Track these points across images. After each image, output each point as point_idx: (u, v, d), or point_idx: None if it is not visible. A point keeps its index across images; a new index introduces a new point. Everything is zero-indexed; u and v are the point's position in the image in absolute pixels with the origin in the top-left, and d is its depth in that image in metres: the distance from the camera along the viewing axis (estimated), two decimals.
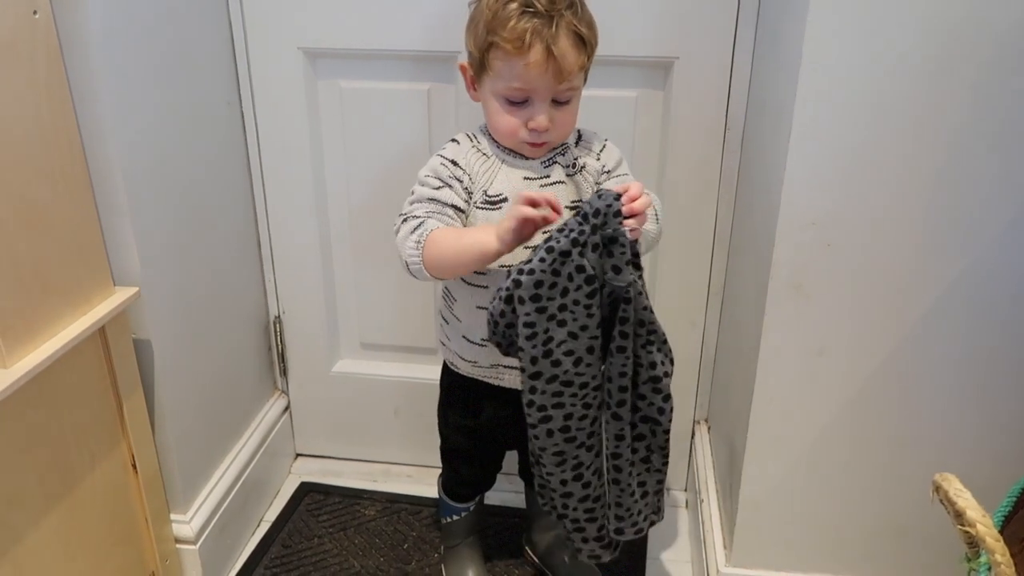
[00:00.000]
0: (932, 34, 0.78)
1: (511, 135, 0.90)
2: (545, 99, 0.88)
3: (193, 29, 1.11)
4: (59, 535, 0.93)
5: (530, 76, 0.85)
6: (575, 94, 0.90)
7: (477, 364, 1.00)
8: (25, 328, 0.85)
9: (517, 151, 0.93)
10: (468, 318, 0.98)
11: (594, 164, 0.95)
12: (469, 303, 0.97)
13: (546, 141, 0.91)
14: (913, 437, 0.95)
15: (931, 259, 0.87)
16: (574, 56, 0.85)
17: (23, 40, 0.82)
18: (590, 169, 0.94)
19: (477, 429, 1.08)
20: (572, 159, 0.93)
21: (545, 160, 0.93)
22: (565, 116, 0.90)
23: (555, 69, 0.84)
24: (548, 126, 0.88)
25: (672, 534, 1.34)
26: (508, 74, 0.86)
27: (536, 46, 0.83)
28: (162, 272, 1.06)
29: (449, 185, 0.92)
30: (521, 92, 0.87)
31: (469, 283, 0.96)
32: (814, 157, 0.84)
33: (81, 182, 0.93)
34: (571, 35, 0.85)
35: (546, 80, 0.85)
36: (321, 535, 1.32)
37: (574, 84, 0.88)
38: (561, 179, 0.93)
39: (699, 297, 1.27)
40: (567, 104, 0.89)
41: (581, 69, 0.87)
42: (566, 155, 0.94)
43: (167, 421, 1.10)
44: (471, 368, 1.01)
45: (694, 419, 1.37)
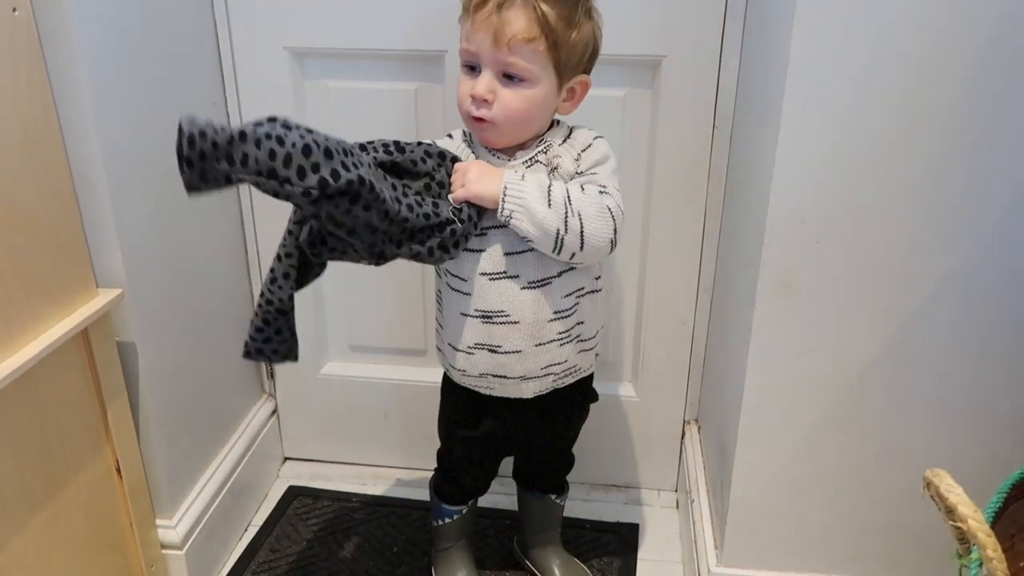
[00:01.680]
0: (920, 30, 0.78)
1: (460, 106, 0.89)
2: (490, 66, 0.85)
3: (178, 27, 1.10)
4: (42, 540, 0.91)
5: (475, 35, 0.85)
6: (528, 75, 0.85)
7: (466, 373, 0.98)
8: (6, 330, 0.83)
9: (484, 142, 0.92)
10: (452, 324, 0.97)
11: (568, 166, 0.91)
12: (453, 309, 0.96)
13: (488, 119, 0.87)
14: (903, 434, 0.95)
15: (920, 256, 0.87)
16: (521, 25, 0.83)
17: (2, 38, 0.80)
18: (563, 171, 0.90)
19: (476, 440, 1.06)
20: (549, 159, 0.91)
21: (527, 160, 0.91)
22: (513, 98, 0.86)
23: (497, 31, 0.83)
24: (486, 95, 0.86)
25: (663, 534, 1.33)
26: (463, 34, 0.87)
27: (488, 4, 0.83)
28: (146, 273, 1.05)
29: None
30: (469, 54, 0.87)
31: (453, 288, 0.95)
32: (802, 155, 0.84)
33: (63, 182, 0.91)
34: (528, 8, 0.83)
35: (487, 42, 0.84)
36: (310, 539, 1.30)
37: (521, 62, 0.84)
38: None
39: (688, 295, 1.27)
40: (520, 85, 0.86)
41: (528, 43, 0.83)
42: (548, 153, 0.91)
43: (152, 425, 1.09)
44: (461, 377, 0.99)
45: (684, 419, 1.36)
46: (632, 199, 1.22)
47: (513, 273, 0.91)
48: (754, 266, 0.92)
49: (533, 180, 0.87)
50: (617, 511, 1.38)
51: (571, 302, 0.93)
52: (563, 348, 0.95)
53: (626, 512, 1.38)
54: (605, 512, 1.38)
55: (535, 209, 0.85)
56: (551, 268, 0.91)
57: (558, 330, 0.93)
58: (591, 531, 1.32)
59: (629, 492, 1.42)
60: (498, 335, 0.93)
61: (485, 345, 0.94)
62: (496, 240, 0.90)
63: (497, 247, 0.90)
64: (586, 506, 1.38)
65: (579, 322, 0.95)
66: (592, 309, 0.97)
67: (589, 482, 1.42)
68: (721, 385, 1.15)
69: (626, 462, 1.41)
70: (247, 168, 0.70)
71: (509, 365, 0.94)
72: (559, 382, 0.98)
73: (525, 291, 0.91)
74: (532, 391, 0.97)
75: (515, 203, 0.85)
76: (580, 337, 0.96)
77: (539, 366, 0.95)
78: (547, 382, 0.97)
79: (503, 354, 0.94)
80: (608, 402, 1.36)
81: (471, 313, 0.93)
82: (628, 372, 1.37)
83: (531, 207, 0.85)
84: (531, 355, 0.94)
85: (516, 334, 0.92)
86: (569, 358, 0.96)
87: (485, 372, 0.96)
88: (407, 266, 1.13)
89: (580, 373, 1.01)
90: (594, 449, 1.39)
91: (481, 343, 0.94)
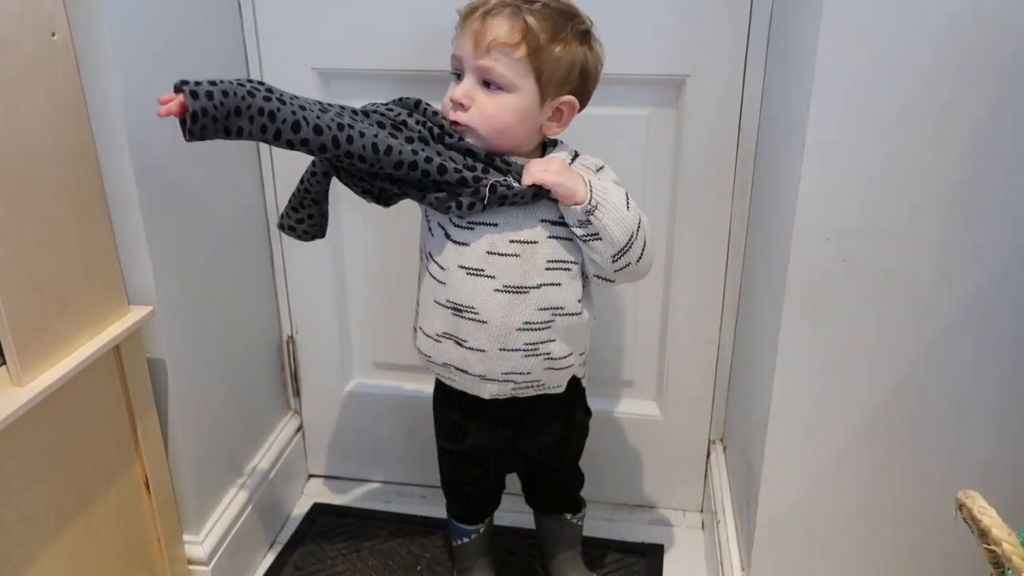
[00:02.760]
0: (947, 47, 0.77)
1: (443, 109, 0.91)
2: (471, 71, 0.87)
3: (208, 50, 1.12)
4: (73, 555, 0.92)
5: (461, 40, 0.87)
6: (505, 82, 0.86)
7: (431, 360, 0.98)
8: (41, 346, 0.85)
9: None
10: (425, 309, 0.97)
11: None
12: (428, 295, 0.96)
13: (464, 123, 0.88)
14: (933, 455, 0.94)
15: (949, 274, 0.86)
16: (503, 31, 0.84)
17: (42, 61, 0.83)
18: None
19: (461, 455, 1.06)
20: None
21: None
22: (489, 104, 0.87)
23: (479, 35, 0.85)
24: (462, 99, 0.87)
25: (688, 555, 1.32)
26: (454, 39, 0.89)
27: (477, 11, 0.86)
28: (176, 291, 1.07)
29: None
30: (455, 60, 0.89)
31: (431, 274, 0.95)
32: (828, 172, 0.84)
33: (98, 201, 0.93)
34: (513, 17, 0.84)
35: (469, 46, 0.86)
36: (334, 556, 1.31)
37: (499, 67, 0.85)
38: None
39: (714, 314, 1.26)
40: (498, 92, 0.87)
41: (507, 47, 0.84)
42: None
43: (180, 441, 1.10)
44: (427, 362, 1.00)
45: (709, 438, 1.35)
46: (656, 217, 1.22)
47: (490, 273, 0.90)
48: (779, 284, 0.91)
49: (609, 183, 0.90)
50: (642, 532, 1.37)
51: (545, 316, 0.92)
52: (528, 360, 0.94)
53: (651, 533, 1.37)
54: (629, 532, 1.36)
55: (619, 206, 0.87)
56: (531, 278, 0.90)
57: (525, 340, 0.92)
58: (615, 552, 1.31)
59: (654, 512, 1.41)
60: (465, 330, 0.93)
61: (452, 336, 0.94)
62: (481, 236, 0.90)
63: (481, 244, 0.90)
64: (610, 526, 1.37)
65: (550, 339, 0.93)
66: (568, 332, 0.95)
67: (613, 502, 1.41)
68: (747, 404, 1.14)
69: (651, 482, 1.40)
70: (242, 137, 0.79)
71: (471, 361, 0.94)
72: (519, 391, 0.97)
73: (499, 293, 0.90)
74: (489, 393, 0.96)
75: (600, 196, 0.87)
76: (549, 355, 0.94)
77: (500, 370, 0.94)
78: (506, 388, 0.96)
79: (467, 349, 0.93)
80: (632, 421, 1.35)
81: (443, 302, 0.93)
82: (652, 391, 1.36)
83: (615, 203, 0.87)
84: (494, 357, 0.93)
85: (482, 333, 0.92)
86: (533, 371, 0.95)
87: (448, 363, 0.96)
88: None
89: (545, 389, 0.99)
90: (618, 469, 1.38)
91: (449, 333, 0.94)
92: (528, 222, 0.90)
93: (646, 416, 1.35)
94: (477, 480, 1.11)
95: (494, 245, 0.90)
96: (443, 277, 0.93)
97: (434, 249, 0.94)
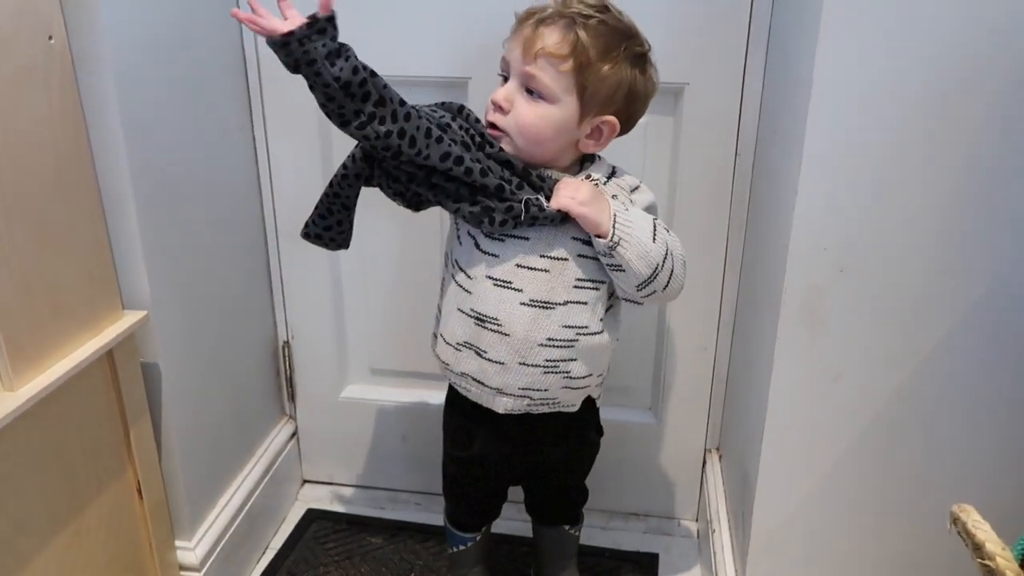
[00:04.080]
0: (947, 56, 0.77)
1: (485, 114, 0.91)
2: (516, 76, 0.87)
3: (206, 53, 1.12)
4: (64, 561, 0.91)
5: (512, 44, 0.87)
6: (547, 93, 0.85)
7: (449, 368, 0.98)
8: (34, 350, 0.84)
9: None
10: (448, 317, 0.96)
11: (623, 200, 0.91)
12: (452, 302, 0.95)
13: (500, 126, 0.88)
14: (930, 467, 0.93)
15: (948, 283, 0.86)
16: (553, 41, 0.84)
17: (39, 65, 0.82)
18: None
19: (467, 461, 1.06)
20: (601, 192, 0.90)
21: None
22: (527, 112, 0.86)
23: (528, 42, 0.85)
24: (502, 103, 0.87)
25: (683, 564, 1.31)
26: (506, 42, 0.89)
27: (532, 18, 0.86)
28: (171, 296, 1.06)
29: None
30: (503, 62, 0.89)
31: (458, 283, 0.94)
32: (826, 182, 0.84)
33: (93, 205, 0.93)
34: (567, 29, 0.84)
35: (518, 51, 0.86)
36: (327, 563, 1.30)
37: (543, 77, 0.85)
38: None
39: (710, 322, 1.26)
40: (539, 101, 0.86)
41: (554, 58, 0.84)
42: (597, 188, 0.90)
43: (174, 446, 1.09)
44: (444, 370, 0.99)
45: (705, 447, 1.35)
46: None
47: (518, 286, 0.90)
48: (777, 294, 0.91)
49: (638, 213, 0.88)
50: (636, 540, 1.37)
51: (569, 335, 0.91)
52: (546, 377, 0.93)
53: (645, 541, 1.36)
54: (624, 541, 1.36)
55: (643, 240, 0.86)
56: (558, 294, 0.90)
57: (546, 356, 0.91)
58: (610, 560, 1.31)
59: (649, 521, 1.41)
60: (486, 340, 0.92)
61: (472, 346, 0.93)
62: (512, 249, 0.90)
63: (511, 256, 0.90)
64: (605, 534, 1.37)
65: (571, 358, 0.93)
66: (590, 353, 0.94)
67: (608, 510, 1.40)
68: (743, 413, 1.14)
69: (646, 490, 1.39)
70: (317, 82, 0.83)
71: (489, 373, 0.93)
72: (533, 407, 0.96)
73: (524, 307, 0.90)
74: (504, 407, 0.95)
75: (624, 231, 0.85)
76: (569, 374, 0.94)
77: (517, 384, 0.93)
78: (521, 403, 0.95)
79: (487, 360, 0.93)
80: (628, 429, 1.35)
81: (467, 311, 0.92)
82: (648, 399, 1.35)
83: (640, 238, 0.86)
84: (512, 371, 0.92)
85: (503, 345, 0.91)
86: (550, 388, 0.94)
87: (466, 372, 0.95)
88: (427, 290, 1.14)
89: (560, 407, 0.98)
90: (613, 477, 1.38)
91: (469, 343, 0.93)
92: (560, 239, 0.89)
93: (642, 424, 1.35)
94: (480, 487, 1.10)
95: (525, 259, 0.89)
96: (470, 286, 0.92)
97: (461, 258, 0.93)
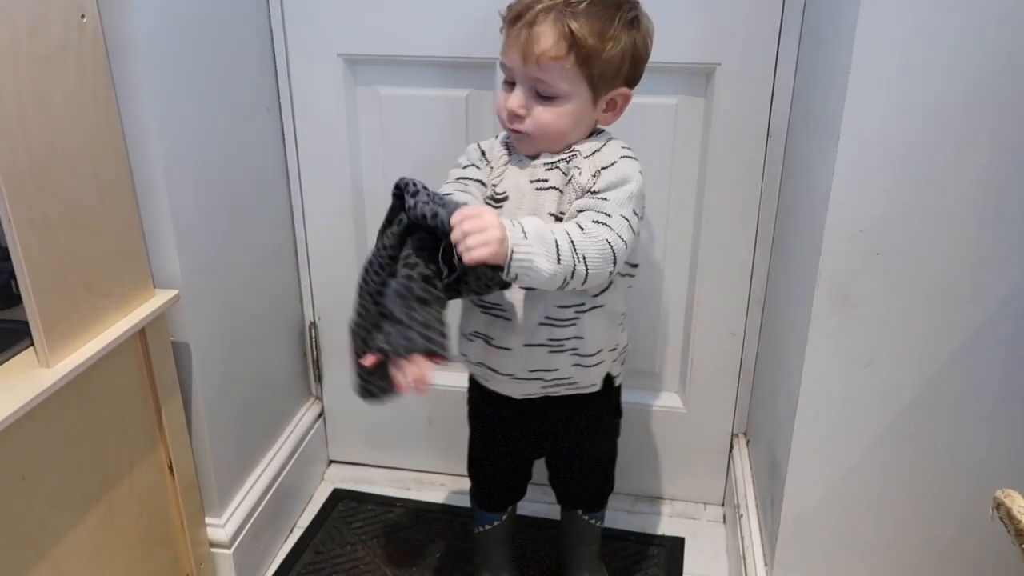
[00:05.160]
0: (988, 37, 0.75)
1: (499, 116, 0.90)
2: (523, 82, 0.86)
3: (235, 35, 1.12)
4: (97, 536, 0.93)
5: (509, 51, 0.86)
6: (559, 92, 0.85)
7: (467, 359, 1.00)
8: (68, 328, 0.85)
9: (518, 150, 0.93)
10: (464, 309, 0.98)
11: (583, 181, 0.87)
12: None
13: (523, 131, 0.88)
14: (965, 452, 0.92)
15: (984, 269, 0.84)
16: (549, 43, 0.82)
17: (71, 44, 0.83)
18: (576, 184, 0.87)
19: (493, 437, 1.07)
20: (569, 168, 0.89)
21: (548, 163, 0.90)
22: (545, 114, 0.86)
23: (526, 48, 0.83)
24: (518, 111, 0.86)
25: (709, 549, 1.31)
26: (501, 47, 0.88)
27: (521, 20, 0.84)
28: (201, 276, 1.07)
29: (476, 165, 0.95)
30: (504, 68, 0.88)
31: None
32: (863, 164, 0.82)
33: (125, 185, 0.93)
34: (557, 24, 0.82)
35: (518, 58, 0.84)
36: (353, 542, 1.31)
37: (551, 79, 0.84)
38: (557, 185, 0.89)
39: (739, 306, 1.25)
40: (550, 102, 0.86)
41: (556, 60, 0.83)
42: (570, 162, 0.89)
43: (204, 425, 1.10)
44: (464, 361, 1.01)
45: (732, 432, 1.34)
46: (683, 208, 1.21)
47: None
48: (810, 277, 0.89)
49: (536, 234, 0.79)
50: (662, 524, 1.36)
51: (567, 314, 0.92)
52: (554, 356, 0.94)
53: (671, 525, 1.36)
54: (650, 524, 1.36)
55: (541, 269, 0.79)
56: None
57: (548, 336, 0.92)
58: (635, 543, 1.31)
59: (674, 505, 1.40)
60: (493, 328, 0.94)
61: (482, 335, 0.95)
62: None
63: None
64: (631, 518, 1.37)
65: (577, 336, 0.93)
66: (595, 327, 0.94)
67: (634, 494, 1.40)
68: (772, 398, 1.12)
69: (672, 474, 1.39)
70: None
71: (499, 360, 0.95)
72: (549, 389, 0.97)
73: (520, 290, 0.91)
74: (520, 392, 0.97)
75: (521, 266, 0.78)
76: (577, 351, 0.94)
77: (527, 368, 0.94)
78: (535, 387, 0.96)
79: (495, 348, 0.94)
80: (655, 413, 1.35)
81: (476, 301, 0.95)
82: (675, 383, 1.35)
83: (538, 268, 0.79)
84: (519, 355, 0.93)
85: (507, 331, 0.93)
86: (561, 368, 0.95)
87: (481, 362, 0.97)
88: None
89: (577, 387, 0.98)
90: (639, 460, 1.37)
91: (479, 332, 0.96)
92: (542, 217, 0.88)
93: (669, 408, 1.34)
94: (506, 464, 1.11)
95: None
96: None
97: None
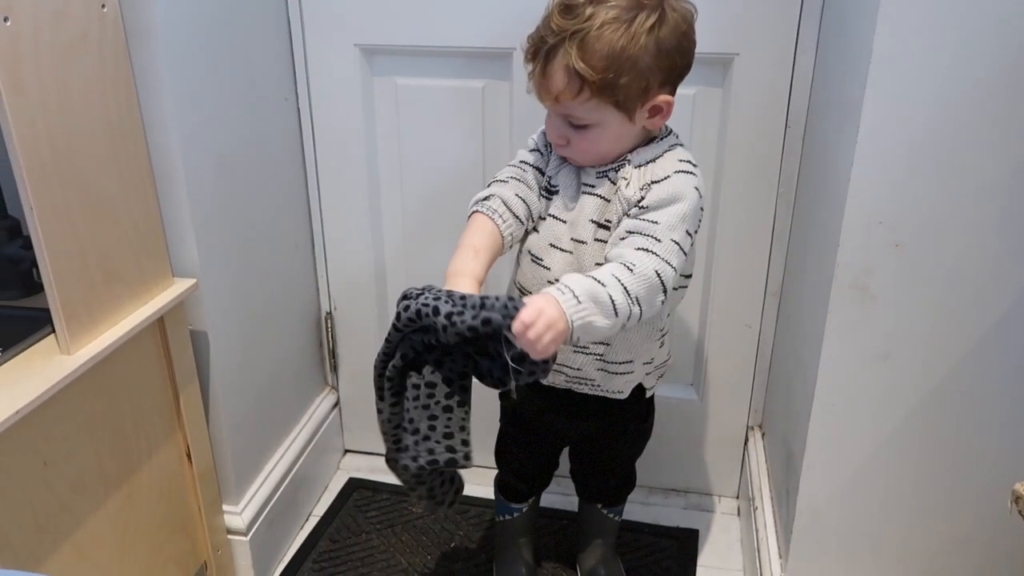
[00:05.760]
0: (1012, 26, 0.74)
1: (551, 140, 0.91)
2: (556, 115, 0.87)
3: (253, 25, 1.12)
4: (118, 521, 0.94)
5: (534, 88, 0.86)
6: (589, 122, 0.84)
7: None
8: (88, 316, 0.86)
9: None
10: (509, 289, 0.99)
11: (630, 195, 0.86)
12: (513, 276, 0.98)
13: (568, 156, 0.90)
14: (982, 446, 0.91)
15: (1005, 261, 0.83)
16: (563, 84, 0.82)
17: (92, 33, 0.83)
18: (623, 197, 0.87)
19: (518, 420, 1.08)
20: (618, 178, 0.88)
21: (600, 171, 0.89)
22: (583, 143, 0.87)
23: (544, 89, 0.84)
24: (559, 140, 0.88)
25: (723, 541, 1.31)
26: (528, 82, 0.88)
27: (537, 58, 0.84)
28: (219, 265, 1.08)
29: (540, 151, 0.95)
30: (538, 98, 0.88)
31: (517, 257, 0.97)
32: (883, 155, 0.81)
33: (144, 174, 0.94)
34: (564, 61, 0.81)
35: (542, 96, 0.85)
36: (368, 531, 1.32)
37: (577, 112, 0.84)
38: (603, 194, 0.89)
39: (755, 298, 1.24)
40: (585, 131, 0.85)
41: (574, 99, 0.82)
42: (619, 172, 0.88)
43: (221, 413, 1.11)
44: None
45: (747, 424, 1.34)
46: None
47: (548, 264, 0.92)
48: (828, 269, 0.89)
49: (588, 295, 0.78)
50: (677, 516, 1.36)
51: None
52: (577, 356, 0.94)
53: (686, 517, 1.36)
54: (664, 516, 1.36)
55: (600, 327, 0.80)
56: None
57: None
58: (649, 535, 1.31)
59: (689, 497, 1.40)
60: None
61: None
62: (548, 228, 0.92)
63: (546, 235, 0.92)
64: (645, 510, 1.37)
65: (602, 342, 0.93)
66: (625, 337, 0.94)
67: (648, 486, 1.40)
68: (788, 391, 1.12)
69: (687, 466, 1.39)
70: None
71: None
72: (572, 384, 0.98)
73: (551, 285, 0.88)
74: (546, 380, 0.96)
75: (582, 330, 0.79)
76: (603, 357, 0.95)
77: None
78: (558, 378, 0.98)
79: None
80: (669, 405, 1.34)
81: (516, 284, 0.97)
82: (691, 375, 1.34)
83: (597, 328, 0.80)
84: None
85: None
86: (584, 368, 0.95)
87: None
88: None
89: (601, 391, 0.98)
90: (654, 452, 1.36)
91: None
92: (581, 221, 0.90)
93: (684, 400, 1.34)
94: (531, 448, 1.11)
95: (557, 238, 0.91)
96: (520, 260, 0.96)
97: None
